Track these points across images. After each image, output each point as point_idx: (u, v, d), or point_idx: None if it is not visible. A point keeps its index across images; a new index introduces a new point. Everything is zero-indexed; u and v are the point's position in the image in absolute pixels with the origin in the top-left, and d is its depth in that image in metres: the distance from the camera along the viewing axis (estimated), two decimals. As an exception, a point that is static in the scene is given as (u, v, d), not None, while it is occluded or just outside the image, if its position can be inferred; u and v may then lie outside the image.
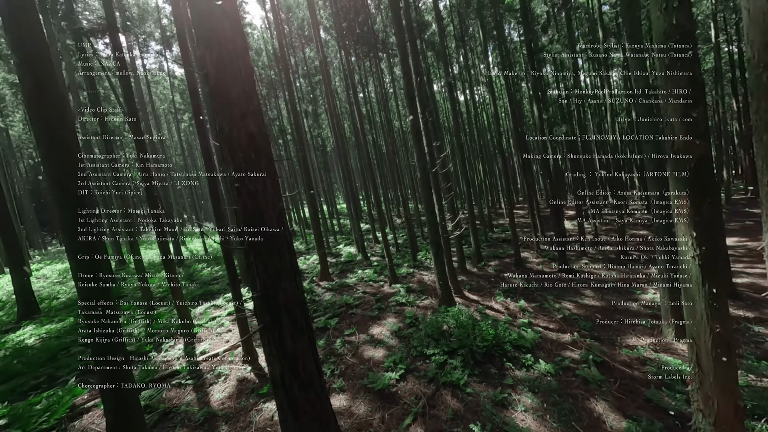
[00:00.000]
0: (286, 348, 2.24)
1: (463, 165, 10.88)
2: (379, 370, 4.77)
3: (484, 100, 24.83)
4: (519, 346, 4.96)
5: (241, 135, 2.18)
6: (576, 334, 5.42)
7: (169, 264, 6.65)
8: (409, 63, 6.74)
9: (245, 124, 2.19)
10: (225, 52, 2.12)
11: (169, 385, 4.86)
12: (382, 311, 7.35)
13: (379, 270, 10.94)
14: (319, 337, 6.28)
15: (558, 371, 4.34)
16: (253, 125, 2.22)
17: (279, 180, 2.38)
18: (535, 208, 13.43)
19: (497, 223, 19.02)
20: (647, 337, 5.09)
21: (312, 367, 2.34)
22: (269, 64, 23.93)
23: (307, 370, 2.30)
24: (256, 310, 2.27)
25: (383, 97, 17.07)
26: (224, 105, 2.15)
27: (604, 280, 8.53)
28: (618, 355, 4.67)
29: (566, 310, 6.82)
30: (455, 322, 5.56)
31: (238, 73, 2.17)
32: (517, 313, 6.80)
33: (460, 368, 4.48)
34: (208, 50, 2.10)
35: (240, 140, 2.18)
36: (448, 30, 18.16)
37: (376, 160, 19.39)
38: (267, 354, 2.30)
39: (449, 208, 9.62)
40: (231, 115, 2.16)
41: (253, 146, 2.20)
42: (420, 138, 6.82)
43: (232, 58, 2.15)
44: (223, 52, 2.12)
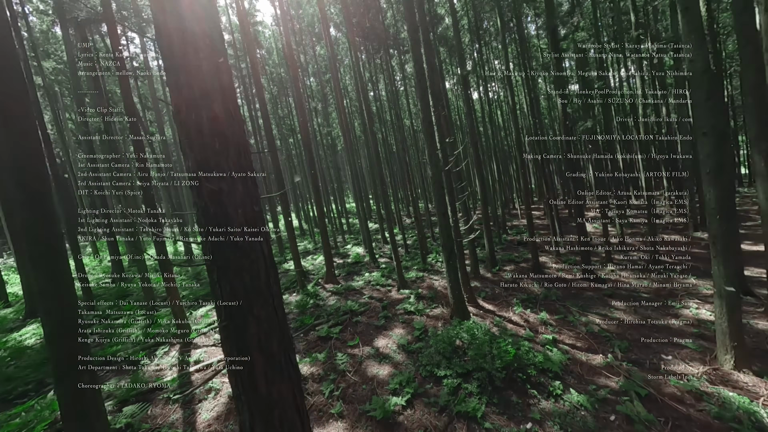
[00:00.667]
0: (259, 393, 1.74)
1: (477, 163, 10.21)
2: (384, 392, 4.24)
3: (499, 96, 23.91)
4: (544, 369, 4.33)
5: (202, 118, 1.68)
6: (610, 356, 4.73)
7: (165, 264, 6.38)
8: (420, 52, 6.16)
9: (208, 104, 1.69)
10: (185, 3, 1.63)
11: (157, 399, 4.48)
12: (389, 320, 6.81)
13: (387, 273, 10.42)
14: (320, 348, 5.81)
15: (594, 404, 3.69)
16: (218, 106, 1.72)
17: (254, 177, 1.88)
18: (552, 209, 12.59)
19: (511, 224, 18.16)
20: (698, 363, 4.35)
21: (293, 416, 1.83)
22: (279, 62, 23.76)
23: (287, 421, 1.80)
24: (222, 343, 1.79)
25: (394, 95, 16.52)
26: (180, 77, 1.66)
27: (635, 291, 7.72)
28: (665, 385, 3.97)
29: (594, 325, 6.10)
30: (470, 337, 4.97)
31: (201, 36, 1.68)
32: (538, 326, 6.14)
33: (477, 395, 3.90)
34: (159, 2, 1.61)
35: (200, 125, 1.68)
36: (462, 23, 17.43)
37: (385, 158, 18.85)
38: (235, 398, 1.81)
39: (462, 209, 8.98)
40: (189, 91, 1.67)
41: (217, 133, 1.71)
42: (432, 133, 6.24)
43: (196, 17, 1.66)
44: (183, 4, 1.62)
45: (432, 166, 6.23)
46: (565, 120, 8.66)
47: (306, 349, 5.83)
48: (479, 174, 10.43)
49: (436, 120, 6.79)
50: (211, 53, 1.72)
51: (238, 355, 1.73)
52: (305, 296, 8.47)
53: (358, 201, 13.74)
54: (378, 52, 17.05)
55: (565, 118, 8.58)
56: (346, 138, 14.09)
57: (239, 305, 1.72)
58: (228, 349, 1.75)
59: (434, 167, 6.21)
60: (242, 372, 1.73)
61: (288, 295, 9.26)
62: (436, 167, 6.20)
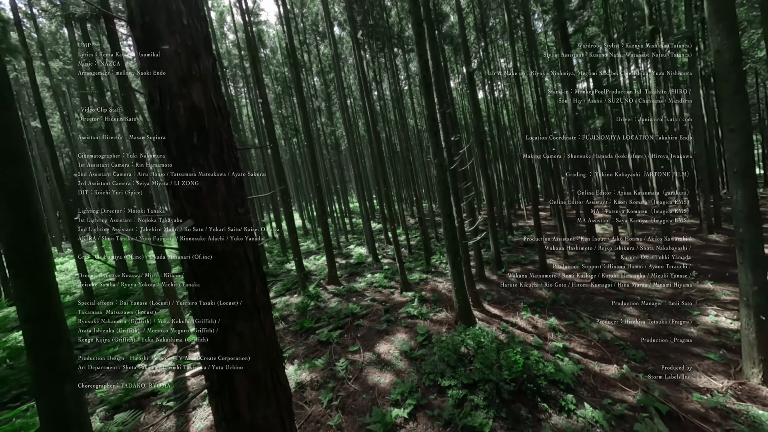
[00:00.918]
0: (242, 420, 1.55)
1: (483, 162, 9.95)
2: (385, 403, 4.03)
3: (504, 96, 23.56)
4: (555, 380, 4.08)
5: (179, 109, 1.49)
6: (625, 366, 4.46)
7: (163, 264, 6.27)
8: (425, 46, 5.93)
9: (186, 93, 1.50)
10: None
11: (150, 406, 4.33)
12: (391, 324, 6.60)
13: (389, 275, 10.20)
14: (320, 353, 5.62)
15: (610, 421, 3.44)
16: (198, 96, 1.53)
17: (240, 177, 1.68)
18: (560, 210, 12.26)
19: (517, 225, 17.82)
20: (722, 376, 4.06)
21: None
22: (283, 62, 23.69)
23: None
24: (201, 363, 1.60)
25: (398, 94, 16.29)
26: (154, 62, 1.47)
27: (648, 295, 7.41)
28: (687, 401, 3.70)
29: (606, 332, 5.82)
30: (475, 345, 4.74)
31: (176, 14, 1.48)
32: (547, 333, 5.87)
33: (483, 409, 3.67)
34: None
35: (177, 117, 1.49)
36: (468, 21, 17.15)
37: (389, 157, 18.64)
38: (216, 426, 1.62)
39: (467, 210, 8.73)
40: (164, 78, 1.47)
41: (196, 126, 1.51)
42: (436, 130, 6.00)
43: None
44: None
45: (436, 165, 6.00)
46: (576, 119, 8.36)
47: (305, 354, 5.65)
48: (484, 174, 10.17)
49: (441, 117, 6.55)
50: (189, 32, 1.52)
51: (218, 377, 1.53)
52: (306, 298, 8.30)
53: (362, 200, 13.55)
54: (382, 50, 16.86)
55: (576, 116, 8.27)
56: (349, 137, 13.91)
57: (219, 319, 1.53)
58: (207, 371, 1.56)
59: (439, 166, 5.97)
60: (222, 396, 1.53)
61: (289, 297, 9.10)
62: (440, 166, 5.96)
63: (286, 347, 5.95)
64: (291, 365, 5.26)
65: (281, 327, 7.01)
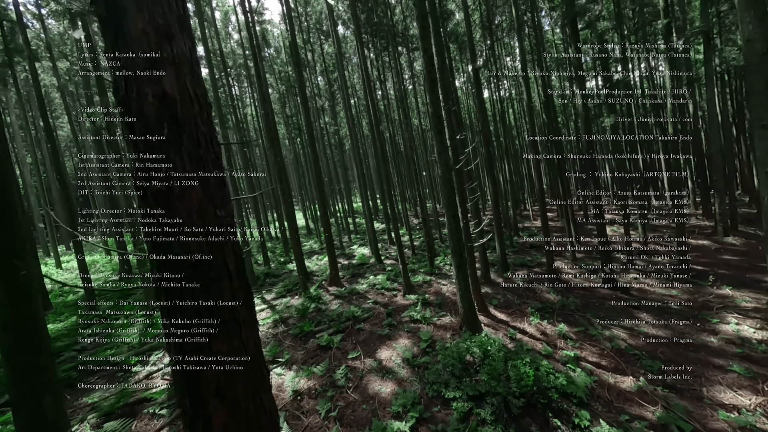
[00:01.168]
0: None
1: (489, 162, 9.68)
2: (385, 414, 3.82)
3: (510, 95, 23.21)
4: (568, 394, 3.83)
5: (146, 97, 1.29)
6: (642, 378, 4.19)
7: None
8: (430, 41, 5.71)
9: (155, 79, 1.30)
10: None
11: (142, 413, 4.18)
12: (394, 329, 6.39)
13: (392, 276, 9.99)
14: (320, 358, 5.43)
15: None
16: (170, 82, 1.33)
17: (221, 176, 1.48)
18: (568, 210, 11.93)
19: (522, 225, 17.48)
20: (748, 392, 3.78)
21: (264, 479, 1.43)
22: (287, 61, 23.62)
23: (254, 488, 1.40)
24: (174, 388, 1.41)
25: (402, 93, 16.07)
26: (118, 42, 1.28)
27: (662, 301, 7.09)
28: (712, 419, 3.43)
29: (620, 340, 5.54)
30: (482, 353, 4.51)
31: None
32: (556, 340, 5.61)
33: (491, 424, 3.44)
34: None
35: (144, 106, 1.29)
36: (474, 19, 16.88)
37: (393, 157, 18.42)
38: (189, 458, 1.42)
39: (473, 211, 8.48)
40: (130, 59, 1.28)
41: (167, 117, 1.31)
42: (441, 128, 5.78)
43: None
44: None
45: (441, 165, 5.77)
46: (586, 117, 8.06)
47: (304, 359, 5.46)
48: (490, 174, 9.90)
49: (446, 115, 6.32)
50: (161, 9, 1.32)
51: (191, 404, 1.33)
52: (307, 300, 8.13)
53: (365, 200, 13.35)
54: (386, 49, 16.66)
55: (586, 114, 7.97)
56: (353, 137, 13.73)
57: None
58: (179, 397, 1.36)
59: (443, 165, 5.74)
60: (195, 428, 1.33)
61: (290, 298, 8.94)
62: (445, 165, 5.73)
63: (285, 352, 5.77)
64: (289, 371, 5.07)
65: (281, 330, 6.84)
